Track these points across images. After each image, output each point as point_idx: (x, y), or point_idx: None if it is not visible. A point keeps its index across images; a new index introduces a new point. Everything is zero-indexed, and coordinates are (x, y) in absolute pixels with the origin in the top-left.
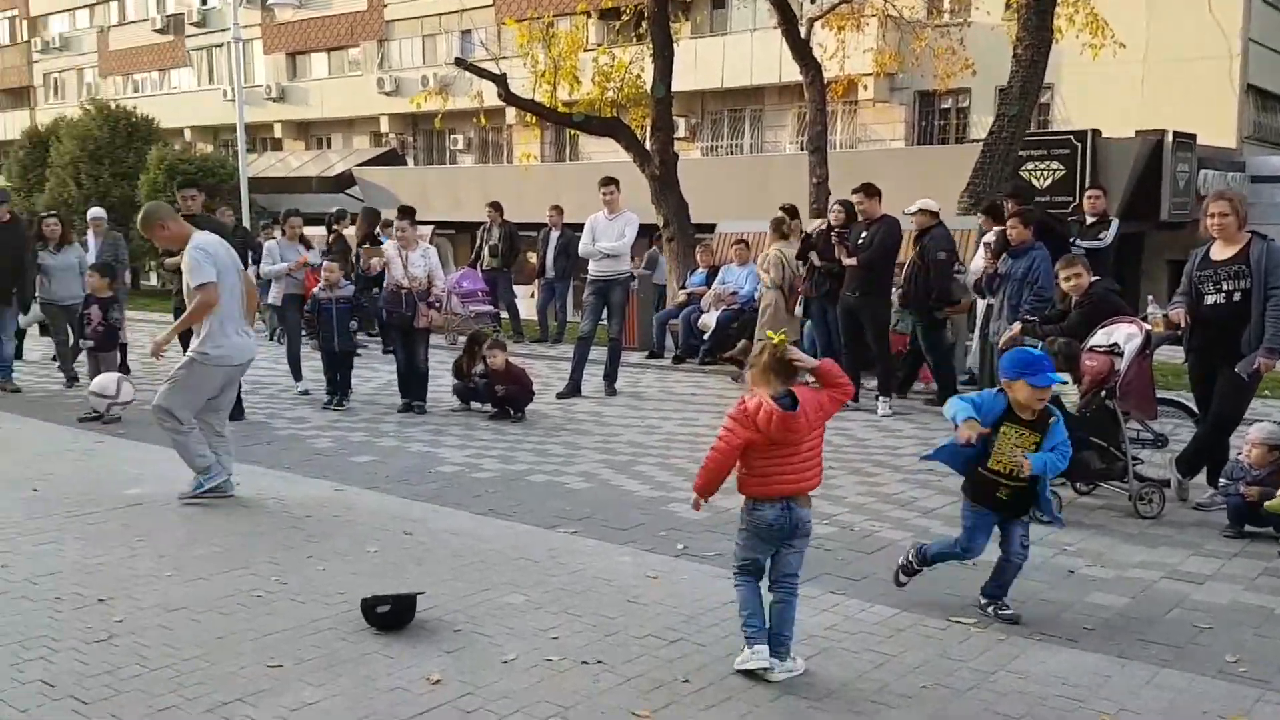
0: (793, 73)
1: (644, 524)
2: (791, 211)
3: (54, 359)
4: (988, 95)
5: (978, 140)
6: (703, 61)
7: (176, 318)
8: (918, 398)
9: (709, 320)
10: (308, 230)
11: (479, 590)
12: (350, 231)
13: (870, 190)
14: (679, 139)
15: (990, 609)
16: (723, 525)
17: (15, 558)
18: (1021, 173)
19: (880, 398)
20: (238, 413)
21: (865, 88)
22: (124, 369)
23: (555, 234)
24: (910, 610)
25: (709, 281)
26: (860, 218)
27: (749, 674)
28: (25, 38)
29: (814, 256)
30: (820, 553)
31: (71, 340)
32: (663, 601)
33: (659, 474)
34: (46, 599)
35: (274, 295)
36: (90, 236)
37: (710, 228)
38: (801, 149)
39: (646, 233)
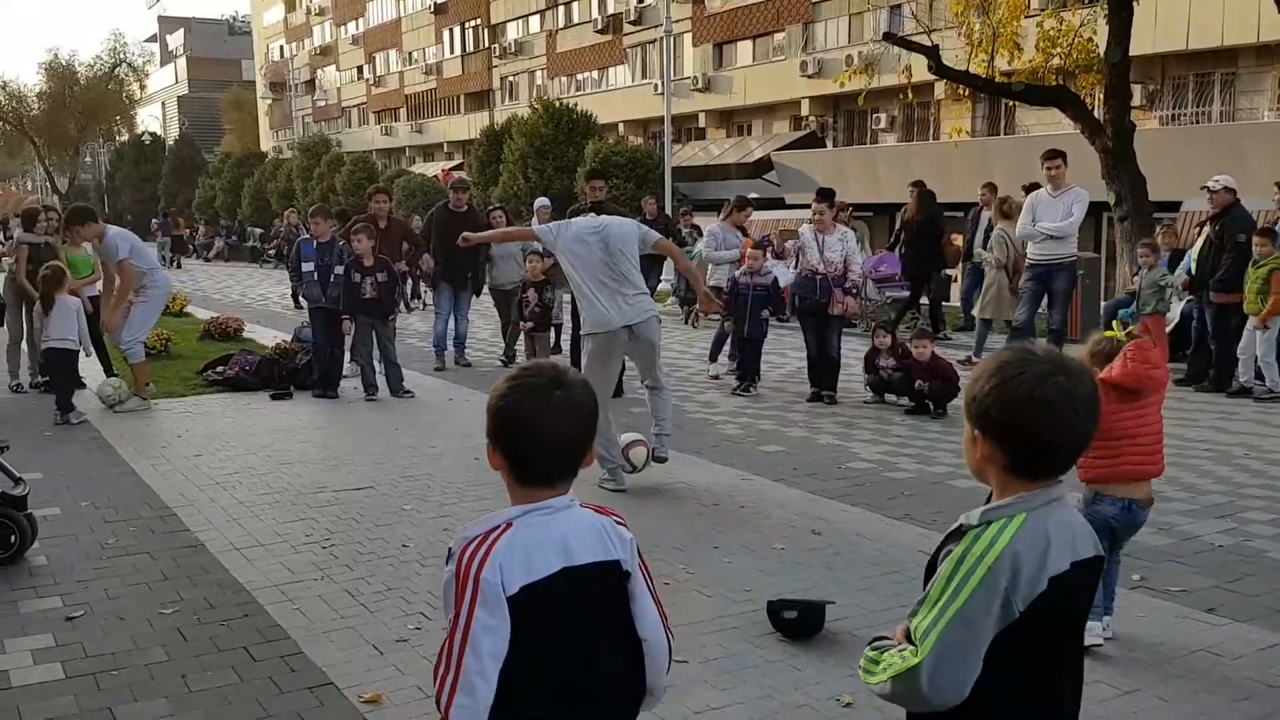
0: (1274, 31)
1: None
2: (1031, 189)
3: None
4: None
5: None
6: (1164, 21)
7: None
8: None
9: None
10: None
11: (895, 605)
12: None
13: None
14: (1135, 107)
15: None
16: (1191, 555)
17: (457, 522)
18: None
19: None
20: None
21: None
22: (557, 348)
23: (986, 214)
24: None
25: (1171, 267)
26: None
27: None
28: (486, 44)
29: None
30: None
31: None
32: (1114, 641)
33: None
34: None
35: (718, 277)
36: (534, 223)
37: (1171, 206)
38: None
39: (1095, 211)
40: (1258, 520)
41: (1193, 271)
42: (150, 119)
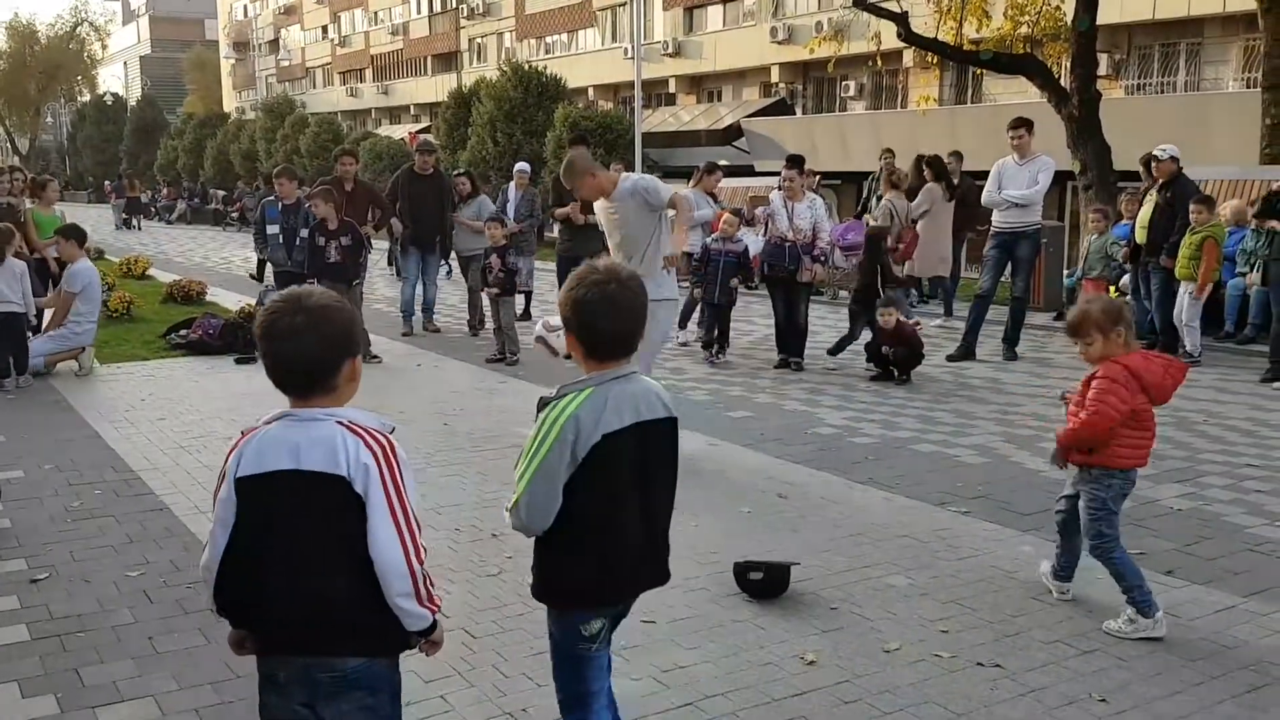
0: (1239, 1)
1: (1050, 510)
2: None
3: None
4: None
5: None
6: None
7: (559, 266)
8: None
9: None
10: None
11: (858, 566)
12: None
13: None
14: (1101, 76)
15: None
16: (1150, 519)
17: (426, 487)
18: None
19: None
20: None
21: None
22: (526, 315)
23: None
24: None
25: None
26: None
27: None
28: (454, 5)
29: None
30: (1273, 560)
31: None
32: (1073, 603)
33: None
34: (447, 529)
35: (691, 243)
36: (512, 188)
37: (1135, 175)
38: (1248, 86)
39: (1060, 179)
40: (1215, 485)
41: (1136, 240)
42: (112, 79)
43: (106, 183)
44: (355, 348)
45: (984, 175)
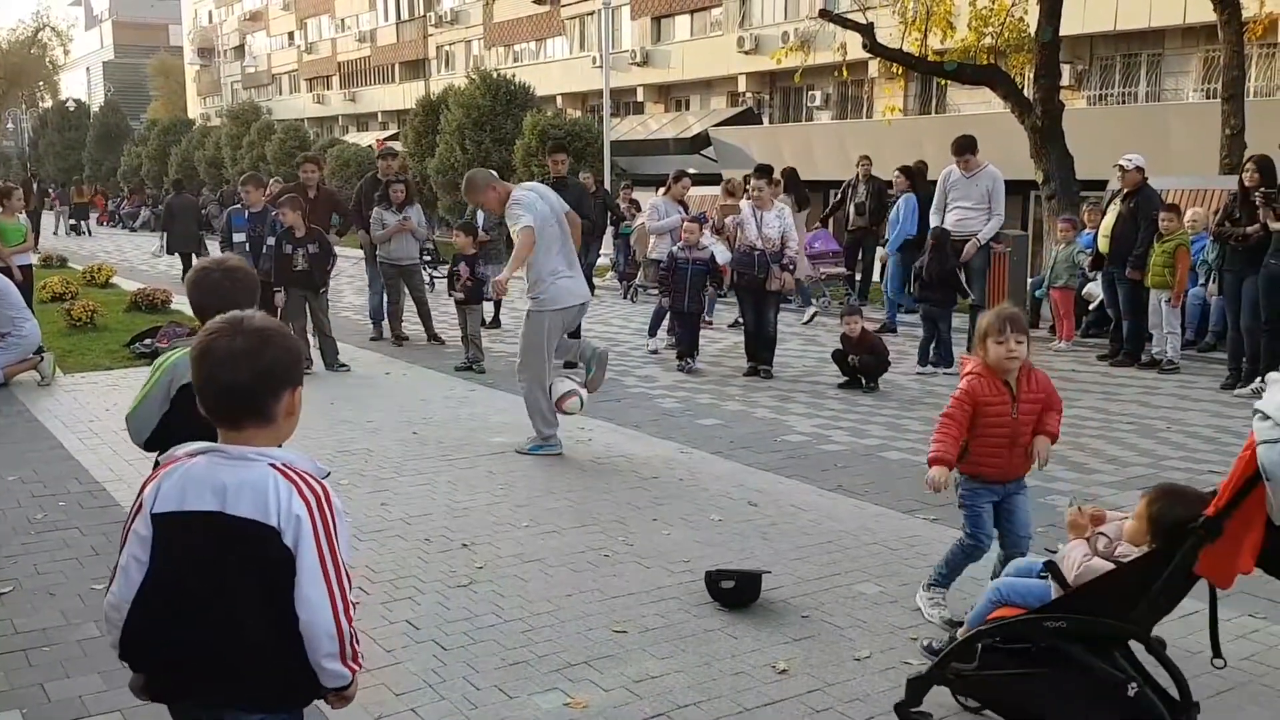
0: (1200, 13)
1: None
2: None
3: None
4: None
5: None
6: (1093, 1)
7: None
8: None
9: (1095, 289)
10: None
11: (828, 574)
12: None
13: None
14: (1063, 87)
15: None
16: None
17: (394, 497)
18: None
19: None
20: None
21: None
22: (495, 323)
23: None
24: None
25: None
26: None
27: None
28: (421, 12)
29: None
30: None
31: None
32: None
33: None
34: (417, 539)
35: (660, 251)
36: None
37: (1097, 185)
38: (1208, 97)
39: (1022, 189)
40: None
41: (1099, 248)
42: (75, 84)
43: (50, 189)
44: (296, 378)
45: None
